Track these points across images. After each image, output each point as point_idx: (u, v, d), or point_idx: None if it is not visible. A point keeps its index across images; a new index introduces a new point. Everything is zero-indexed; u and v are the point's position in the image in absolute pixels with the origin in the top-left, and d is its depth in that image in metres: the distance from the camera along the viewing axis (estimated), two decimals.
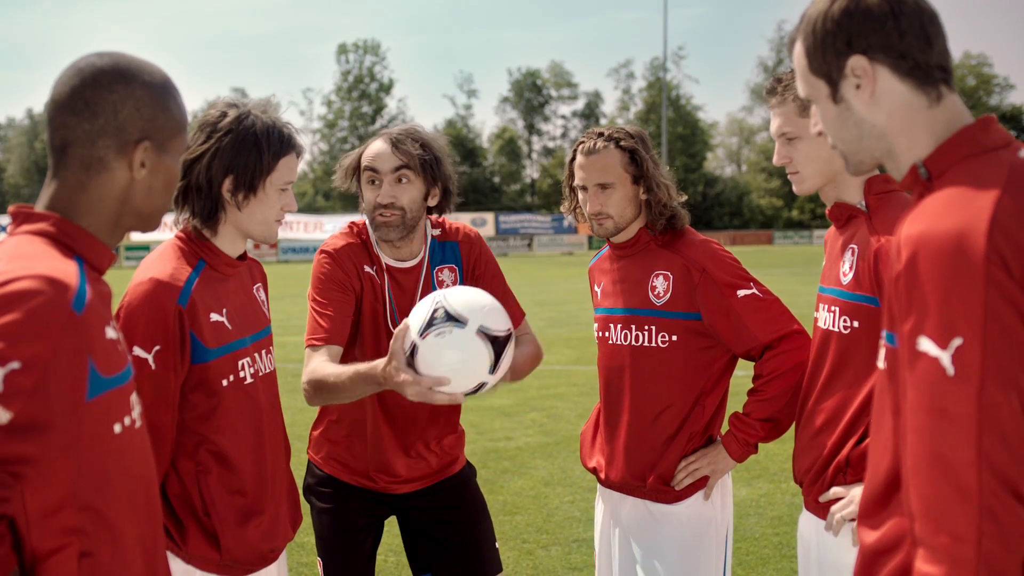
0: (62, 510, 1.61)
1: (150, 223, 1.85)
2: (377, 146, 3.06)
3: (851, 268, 2.52)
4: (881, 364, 1.68)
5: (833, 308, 2.57)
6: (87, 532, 1.65)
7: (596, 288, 3.29)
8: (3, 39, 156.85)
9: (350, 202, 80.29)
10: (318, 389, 2.84)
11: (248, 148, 2.53)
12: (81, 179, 1.75)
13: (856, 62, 1.61)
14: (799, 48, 1.68)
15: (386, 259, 3.13)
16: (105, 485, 1.67)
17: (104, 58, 1.76)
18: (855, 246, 2.52)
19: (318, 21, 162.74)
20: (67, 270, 1.63)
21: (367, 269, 3.11)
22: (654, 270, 3.08)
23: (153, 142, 1.77)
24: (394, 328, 2.99)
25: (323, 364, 2.84)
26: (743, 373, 3.07)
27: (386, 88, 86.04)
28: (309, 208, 78.67)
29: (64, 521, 1.62)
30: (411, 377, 2.42)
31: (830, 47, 1.62)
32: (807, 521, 2.72)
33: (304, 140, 2.65)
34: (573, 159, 3.11)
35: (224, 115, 2.56)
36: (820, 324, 2.64)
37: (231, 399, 2.53)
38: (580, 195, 3.12)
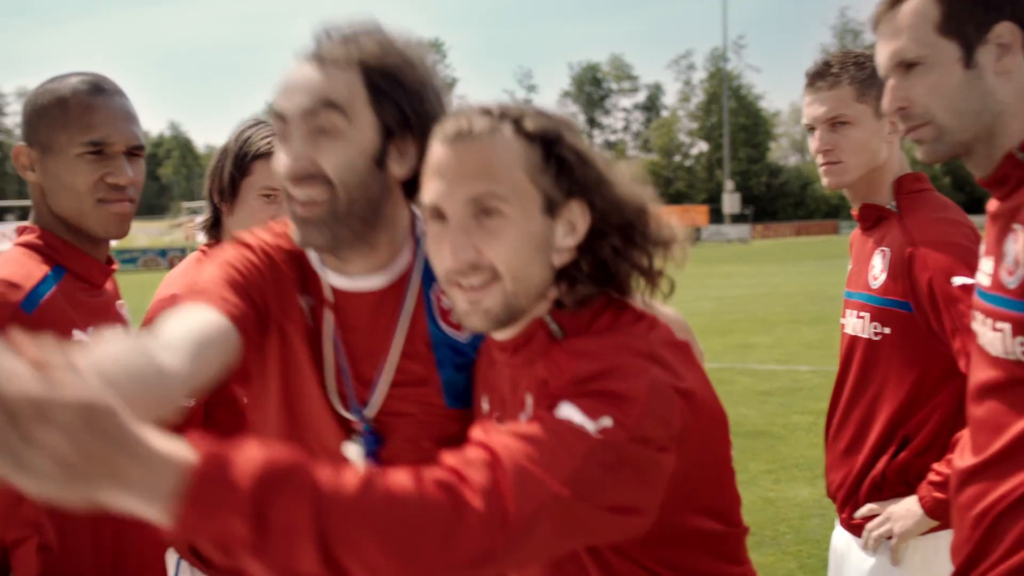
0: (22, 501, 1.64)
1: (84, 227, 1.86)
2: None
3: (882, 271, 2.34)
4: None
5: (863, 314, 2.40)
6: (43, 526, 1.71)
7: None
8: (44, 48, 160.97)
9: None
10: None
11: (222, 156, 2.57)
12: (32, 194, 1.95)
13: (1004, 28, 1.46)
14: (925, 5, 1.51)
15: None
16: None
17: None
18: (887, 248, 2.34)
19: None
20: (29, 274, 1.76)
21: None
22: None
23: (33, 146, 1.88)
24: (343, 406, 1.64)
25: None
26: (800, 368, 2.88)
27: (448, 86, 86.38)
28: None
29: (24, 513, 1.69)
30: None
31: (979, 7, 1.48)
32: (840, 538, 2.54)
33: None
34: None
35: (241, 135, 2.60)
36: (847, 330, 2.46)
37: None
38: None
